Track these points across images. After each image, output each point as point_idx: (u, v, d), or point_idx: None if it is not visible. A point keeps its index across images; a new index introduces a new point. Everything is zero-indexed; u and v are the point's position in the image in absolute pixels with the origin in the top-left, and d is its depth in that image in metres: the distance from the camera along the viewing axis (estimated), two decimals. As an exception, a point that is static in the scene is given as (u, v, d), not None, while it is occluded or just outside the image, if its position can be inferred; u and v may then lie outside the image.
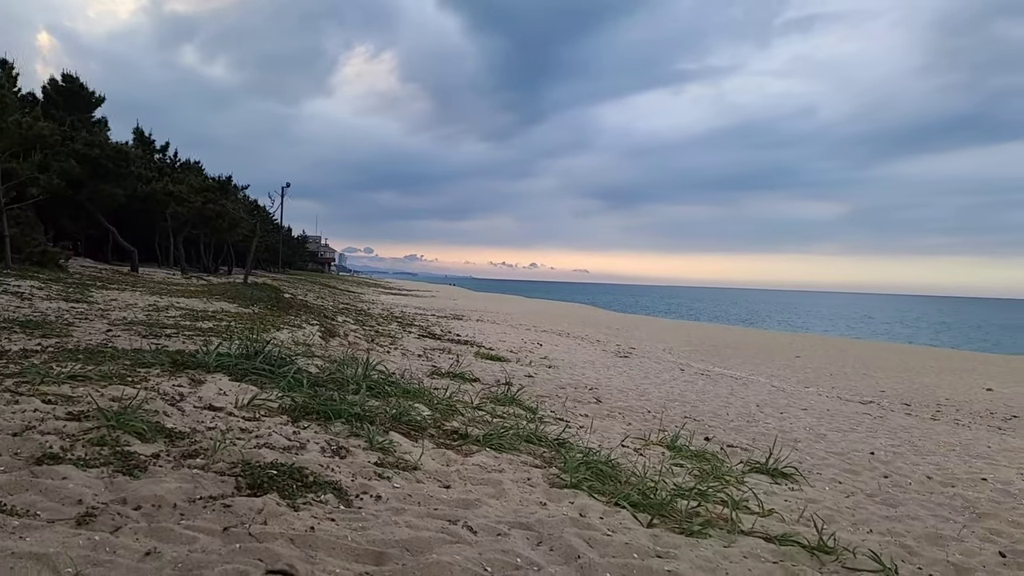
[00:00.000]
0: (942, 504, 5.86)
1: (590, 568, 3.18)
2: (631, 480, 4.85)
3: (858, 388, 18.42)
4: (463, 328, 24.75)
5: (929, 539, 4.70)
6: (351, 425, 4.93)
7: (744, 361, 23.74)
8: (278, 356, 6.91)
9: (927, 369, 23.67)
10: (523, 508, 3.95)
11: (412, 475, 4.20)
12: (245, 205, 47.00)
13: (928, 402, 16.61)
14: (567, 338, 25.55)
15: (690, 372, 17.53)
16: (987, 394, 18.65)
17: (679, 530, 3.98)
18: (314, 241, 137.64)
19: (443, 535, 3.28)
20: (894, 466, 7.45)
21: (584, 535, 3.58)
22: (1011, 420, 14.90)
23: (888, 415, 13.11)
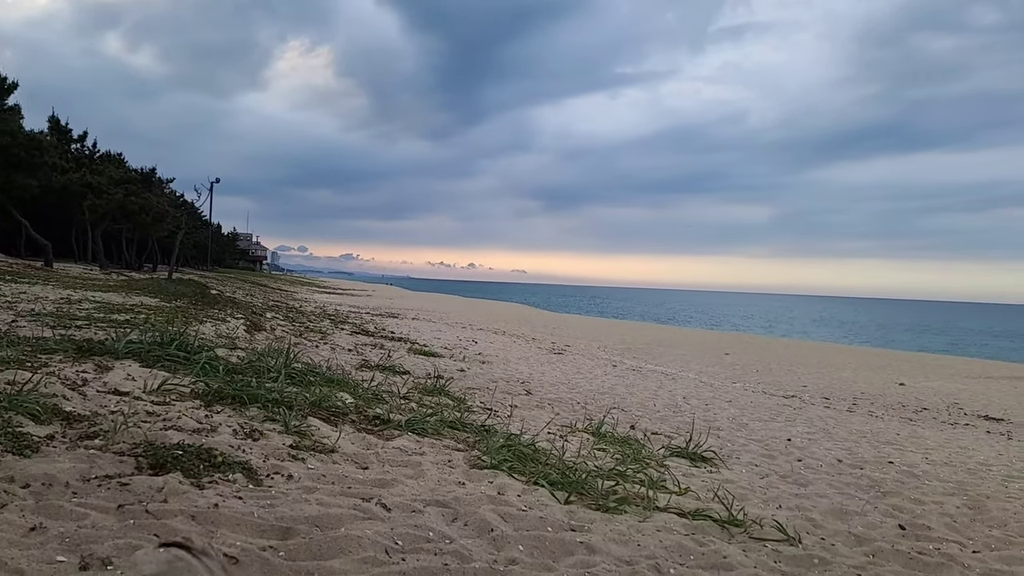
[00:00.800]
0: (849, 484, 6.10)
1: (502, 540, 3.18)
2: (551, 462, 4.88)
3: (782, 383, 19.05)
4: (398, 326, 24.49)
5: (834, 514, 4.88)
6: (268, 410, 4.80)
7: (675, 358, 24.25)
8: (195, 344, 6.67)
9: (846, 365, 24.67)
10: (440, 487, 3.93)
11: (328, 457, 4.12)
12: (170, 199, 45.35)
13: (846, 396, 17.31)
14: (503, 336, 25.60)
15: (622, 368, 17.79)
16: (900, 388, 19.57)
17: (595, 507, 4.03)
18: (245, 239, 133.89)
19: (355, 512, 3.22)
20: (808, 451, 7.73)
21: (500, 511, 3.58)
22: (921, 412, 15.66)
23: (808, 407, 13.59)
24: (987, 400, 18.21)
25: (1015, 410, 16.82)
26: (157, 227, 41.07)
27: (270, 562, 2.55)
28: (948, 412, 15.80)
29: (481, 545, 3.11)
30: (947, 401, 17.77)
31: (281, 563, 2.58)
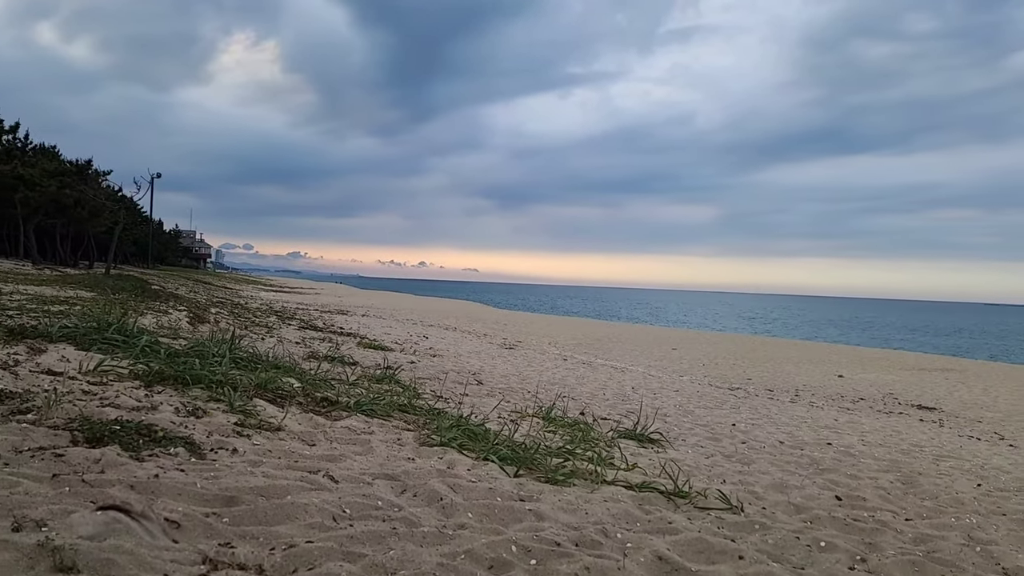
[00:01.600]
0: (790, 462, 6.29)
1: (451, 508, 3.18)
2: (501, 440, 4.90)
3: (728, 376, 19.48)
4: (347, 322, 24.20)
5: (775, 488, 5.02)
6: (211, 391, 4.69)
7: (624, 353, 24.56)
8: (134, 330, 6.47)
9: (788, 359, 25.37)
10: (389, 463, 3.90)
11: (275, 435, 4.05)
12: (108, 193, 43.76)
13: (788, 387, 17.80)
14: (454, 332, 25.54)
15: (572, 362, 17.94)
16: (839, 380, 20.21)
17: (545, 479, 4.06)
18: (188, 236, 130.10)
19: (301, 484, 3.18)
20: (752, 435, 7.93)
21: (449, 483, 3.58)
22: (858, 402, 16.20)
23: (752, 398, 13.92)
24: (920, 391, 18.95)
25: (946, 400, 17.54)
26: (94, 222, 39.60)
27: (213, 527, 2.50)
28: (884, 402, 16.38)
29: (430, 513, 3.11)
30: (883, 392, 18.43)
31: (225, 528, 2.53)
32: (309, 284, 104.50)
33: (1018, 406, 17.00)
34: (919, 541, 3.89)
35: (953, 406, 16.60)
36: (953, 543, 3.88)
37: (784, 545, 3.44)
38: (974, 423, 14.36)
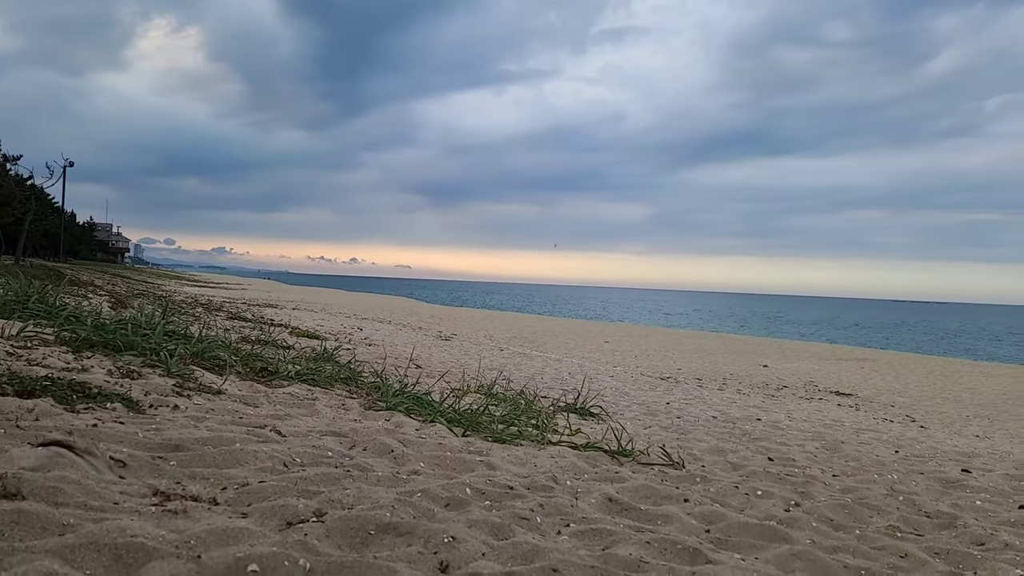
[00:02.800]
0: (724, 433, 6.51)
1: (403, 458, 3.18)
2: (446, 407, 4.90)
3: (659, 367, 19.94)
4: (278, 314, 23.63)
5: (712, 451, 5.20)
6: (146, 358, 4.52)
7: (559, 346, 24.82)
8: (57, 303, 6.16)
9: (716, 351, 26.15)
10: (336, 423, 3.86)
11: (216, 397, 3.94)
12: (16, 179, 41.34)
13: (716, 376, 18.36)
14: (388, 325, 25.28)
15: (509, 352, 18.04)
16: (763, 369, 20.99)
17: (493, 439, 4.09)
18: (104, 229, 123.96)
19: (248, 436, 3.11)
20: (686, 411, 8.16)
21: (399, 438, 3.57)
22: (782, 389, 16.86)
23: (683, 385, 14.32)
24: (838, 378, 19.86)
25: (861, 387, 18.45)
26: (1, 211, 37.36)
27: (161, 468, 2.43)
28: (805, 389, 17.10)
29: (382, 462, 3.09)
30: (804, 380, 19.23)
31: (173, 469, 2.45)
32: (236, 279, 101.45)
33: (927, 392, 18.04)
34: (846, 491, 4.11)
35: (868, 392, 17.48)
36: (877, 493, 4.11)
37: (725, 493, 3.57)
38: (887, 407, 15.14)
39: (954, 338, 48.93)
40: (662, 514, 2.88)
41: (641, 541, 2.40)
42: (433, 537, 2.07)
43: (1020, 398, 17.73)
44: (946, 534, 3.28)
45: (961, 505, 3.93)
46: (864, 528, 3.20)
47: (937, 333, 54.43)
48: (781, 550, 2.54)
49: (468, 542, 2.09)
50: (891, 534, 3.14)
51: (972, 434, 12.32)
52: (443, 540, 2.06)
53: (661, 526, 2.71)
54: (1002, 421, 14.20)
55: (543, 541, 2.25)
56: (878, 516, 3.50)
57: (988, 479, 5.14)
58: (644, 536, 2.47)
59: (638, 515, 2.87)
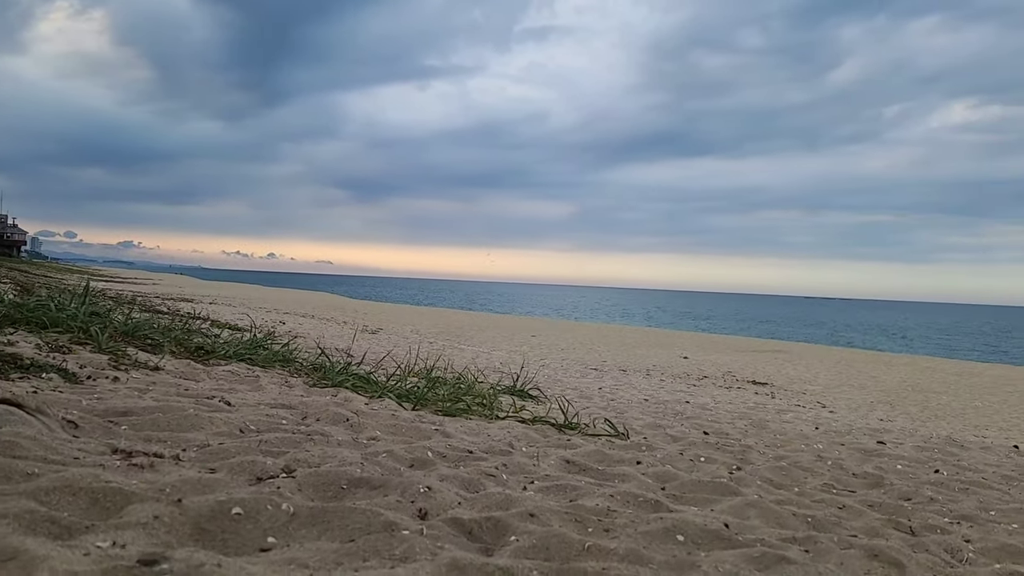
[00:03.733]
0: (657, 412, 6.72)
1: (360, 427, 3.15)
2: (391, 386, 4.86)
3: (585, 359, 20.30)
4: (195, 309, 22.72)
5: (651, 427, 5.36)
6: (73, 334, 4.29)
7: (486, 340, 24.90)
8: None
9: (639, 344, 26.83)
10: (282, 397, 3.77)
11: (154, 373, 3.79)
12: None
13: (640, 367, 18.84)
14: (313, 319, 24.77)
15: (438, 345, 17.98)
16: (684, 361, 21.68)
17: (443, 413, 4.10)
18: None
19: (197, 406, 3.00)
20: (618, 395, 8.37)
21: (350, 409, 3.53)
22: (703, 379, 17.46)
23: (606, 374, 14.63)
24: (754, 369, 20.72)
25: (775, 376, 19.31)
26: None
27: (114, 431, 2.33)
28: (724, 379, 17.77)
29: (339, 429, 3.06)
30: (722, 370, 19.98)
31: (127, 432, 2.36)
32: (145, 275, 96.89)
33: (835, 381, 19.05)
34: (780, 458, 4.32)
35: (782, 381, 18.31)
36: (808, 459, 4.35)
37: (671, 459, 3.70)
38: (800, 395, 15.92)
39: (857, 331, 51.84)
40: (618, 473, 2.97)
41: (605, 494, 2.47)
42: (409, 488, 2.07)
43: (917, 385, 18.97)
44: (875, 491, 3.51)
45: (884, 468, 4.20)
46: (803, 486, 3.39)
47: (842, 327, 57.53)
48: (734, 502, 2.66)
49: (443, 492, 2.10)
50: (827, 491, 3.33)
51: (877, 418, 13.09)
52: (419, 490, 2.06)
53: (620, 484, 2.80)
54: (903, 406, 15.15)
55: (514, 492, 2.28)
56: (812, 477, 3.71)
57: (902, 449, 5.50)
58: (606, 490, 2.55)
59: (596, 474, 2.94)
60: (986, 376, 21.44)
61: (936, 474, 4.35)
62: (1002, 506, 3.35)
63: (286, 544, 1.57)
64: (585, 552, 1.75)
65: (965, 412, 14.97)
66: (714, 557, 1.88)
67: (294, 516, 1.69)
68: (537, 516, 1.98)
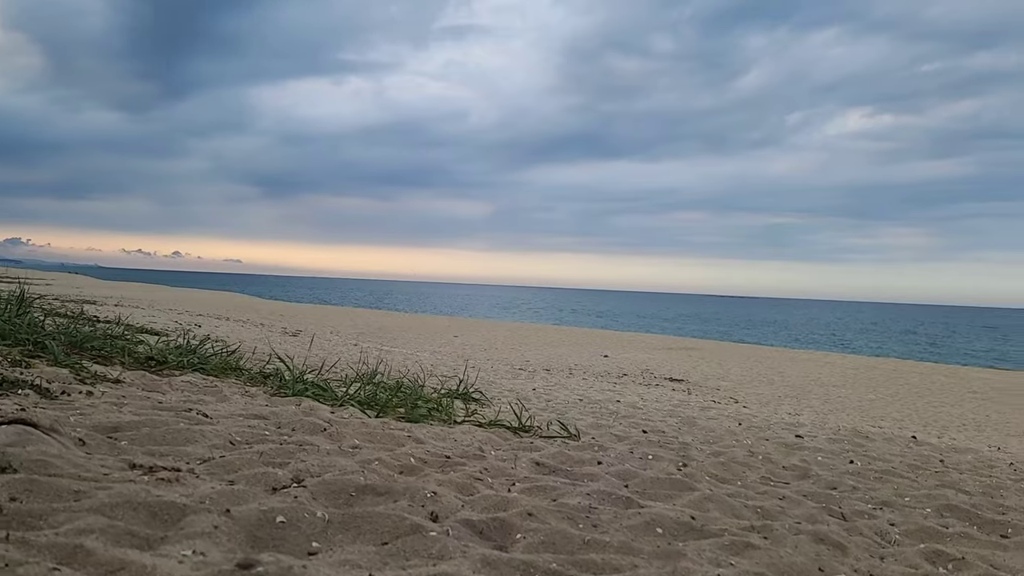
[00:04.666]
0: (595, 412, 7.05)
1: (338, 435, 3.28)
2: (348, 394, 4.97)
3: (508, 359, 20.62)
4: (101, 311, 21.69)
5: (594, 427, 5.67)
6: (24, 347, 4.20)
7: (408, 341, 24.86)
8: None
9: (560, 343, 27.42)
10: (251, 407, 3.84)
11: (118, 386, 3.78)
12: None
13: (563, 367, 19.31)
14: (228, 321, 24.07)
15: (364, 347, 17.89)
16: (604, 359, 22.36)
17: (406, 420, 4.25)
18: None
19: (178, 419, 3.07)
20: (552, 395, 8.68)
21: (322, 418, 3.64)
22: (623, 377, 18.08)
23: (534, 375, 14.98)
24: (670, 366, 21.60)
25: (690, 373, 20.21)
26: None
27: (119, 446, 2.39)
28: (643, 376, 18.47)
29: (320, 439, 3.18)
30: (641, 368, 20.73)
31: (131, 447, 2.43)
32: (38, 274, 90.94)
33: (745, 377, 20.12)
34: (717, 454, 4.70)
35: (697, 378, 19.20)
36: (740, 454, 4.75)
37: (624, 458, 4.00)
38: (715, 391, 16.76)
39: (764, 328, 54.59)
40: (586, 473, 3.23)
41: (582, 493, 2.72)
42: (416, 494, 2.25)
43: (819, 380, 20.27)
44: (806, 482, 3.92)
45: (808, 460, 4.65)
46: (744, 480, 3.75)
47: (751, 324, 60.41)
48: (693, 496, 2.97)
49: (446, 496, 2.29)
50: (766, 483, 3.71)
51: (786, 411, 13.97)
52: (426, 495, 2.25)
53: (590, 483, 3.05)
54: (808, 400, 16.20)
55: (504, 494, 2.50)
56: (749, 471, 4.09)
57: (817, 442, 6.03)
58: (581, 489, 2.80)
59: (567, 474, 3.19)
60: (879, 370, 23.15)
61: (852, 464, 4.84)
62: (914, 492, 3.81)
63: (329, 548, 1.72)
64: (586, 546, 1.98)
65: (863, 404, 16.17)
66: (693, 546, 2.15)
67: (329, 523, 1.85)
68: (535, 515, 2.21)
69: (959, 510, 3.35)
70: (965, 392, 18.95)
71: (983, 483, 4.51)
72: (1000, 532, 3.05)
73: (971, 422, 14.54)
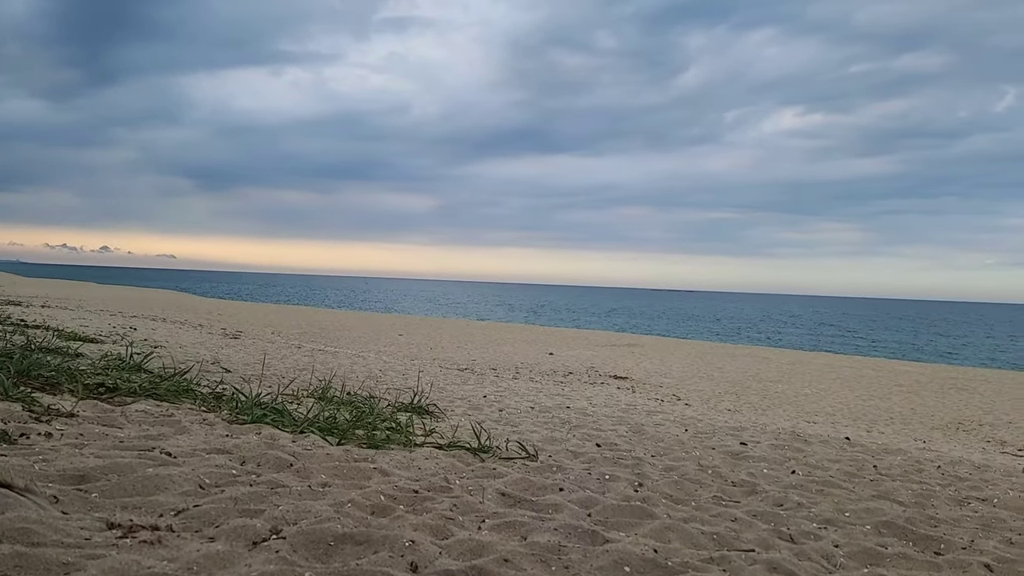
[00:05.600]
0: (548, 422, 7.19)
1: (306, 472, 3.30)
2: (309, 416, 4.96)
3: (454, 359, 20.66)
4: (27, 314, 20.79)
5: (548, 441, 5.80)
6: (-36, 379, 4.05)
7: (353, 340, 24.64)
8: None
9: (505, 340, 27.59)
10: (212, 440, 3.81)
11: (73, 420, 3.70)
12: None
13: (509, 366, 19.48)
14: (164, 323, 23.36)
15: (307, 350, 17.64)
16: (550, 357, 22.61)
17: (367, 445, 4.28)
18: None
19: (142, 461, 3.04)
20: (504, 403, 8.79)
21: (286, 451, 3.65)
22: (568, 376, 18.36)
23: (482, 377, 15.08)
24: (614, 363, 22.01)
25: (634, 370, 20.65)
26: None
27: (90, 500, 2.38)
28: (588, 374, 18.78)
29: (288, 476, 3.20)
30: (585, 365, 21.07)
31: (103, 501, 2.41)
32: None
33: (686, 373, 20.67)
34: (669, 470, 4.89)
35: (640, 375, 19.63)
36: (691, 468, 4.95)
37: (583, 481, 4.13)
38: (657, 388, 17.20)
39: (703, 322, 56.00)
40: (550, 504, 3.33)
41: (550, 528, 2.83)
42: (395, 543, 2.31)
43: (757, 375, 20.99)
44: (753, 499, 4.12)
45: (755, 473, 4.88)
46: (698, 500, 3.93)
47: (691, 319, 61.90)
48: (653, 525, 3.11)
49: (424, 544, 2.36)
50: (718, 503, 3.89)
51: (725, 408, 14.47)
52: (404, 544, 2.31)
53: (555, 514, 3.16)
54: (746, 396, 16.79)
55: (477, 535, 2.58)
56: (702, 488, 4.28)
57: (761, 449, 6.30)
58: (548, 524, 2.90)
59: (532, 506, 3.29)
60: (813, 365, 24.10)
61: (794, 475, 5.10)
62: (853, 506, 4.06)
63: (320, 613, 1.78)
64: (562, 592, 2.08)
65: (798, 399, 16.83)
66: (660, 584, 2.28)
67: (319, 584, 1.90)
68: (511, 560, 2.30)
69: (895, 526, 3.60)
70: (892, 386, 19.95)
71: (915, 491, 4.83)
72: (934, 549, 3.30)
73: (898, 416, 15.33)
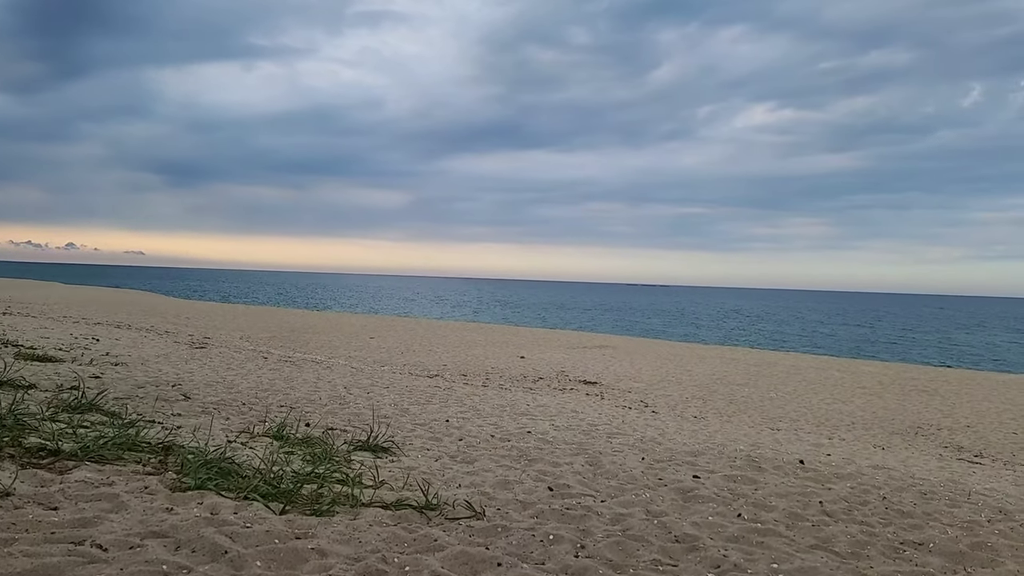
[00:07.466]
0: (504, 456, 7.23)
1: (240, 560, 3.30)
2: (251, 473, 4.94)
3: (425, 364, 20.67)
4: (-13, 323, 20.38)
5: (500, 485, 5.84)
6: None
7: (323, 345, 24.52)
8: None
9: (476, 343, 27.63)
10: (149, 518, 3.79)
11: (7, 502, 3.65)
12: None
13: (479, 372, 19.54)
14: (129, 331, 23.04)
15: (273, 360, 17.51)
16: (521, 361, 22.70)
17: (310, 512, 4.29)
18: None
19: (72, 559, 3.02)
20: (466, 429, 8.82)
21: (224, 531, 3.64)
22: (538, 381, 18.47)
23: (452, 386, 15.10)
24: (584, 367, 22.15)
25: (604, 374, 20.80)
26: None
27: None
28: (558, 380, 18.89)
29: (221, 568, 3.19)
30: (556, 369, 21.18)
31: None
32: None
33: (656, 376, 20.87)
34: (615, 521, 4.95)
35: (610, 379, 19.78)
36: (638, 519, 5.02)
37: (525, 544, 4.18)
38: (626, 393, 17.36)
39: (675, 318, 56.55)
40: (486, 586, 3.37)
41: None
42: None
43: (724, 378, 21.26)
44: (692, 557, 4.21)
45: (699, 523, 4.96)
46: (636, 564, 4.00)
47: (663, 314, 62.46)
48: (585, 609, 3.16)
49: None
50: (655, 568, 3.96)
51: (691, 415, 14.67)
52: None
53: (489, 602, 3.20)
54: (713, 401, 17.02)
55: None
56: (644, 548, 4.35)
57: (713, 483, 6.40)
58: (478, 617, 2.93)
59: (467, 591, 3.33)
60: (779, 367, 24.47)
61: (739, 519, 5.21)
62: (788, 566, 4.17)
63: None
64: None
65: (763, 404, 17.10)
66: None
67: None
68: None
69: (825, 593, 3.70)
70: (855, 388, 20.32)
71: (853, 538, 4.96)
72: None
73: (859, 420, 15.64)
